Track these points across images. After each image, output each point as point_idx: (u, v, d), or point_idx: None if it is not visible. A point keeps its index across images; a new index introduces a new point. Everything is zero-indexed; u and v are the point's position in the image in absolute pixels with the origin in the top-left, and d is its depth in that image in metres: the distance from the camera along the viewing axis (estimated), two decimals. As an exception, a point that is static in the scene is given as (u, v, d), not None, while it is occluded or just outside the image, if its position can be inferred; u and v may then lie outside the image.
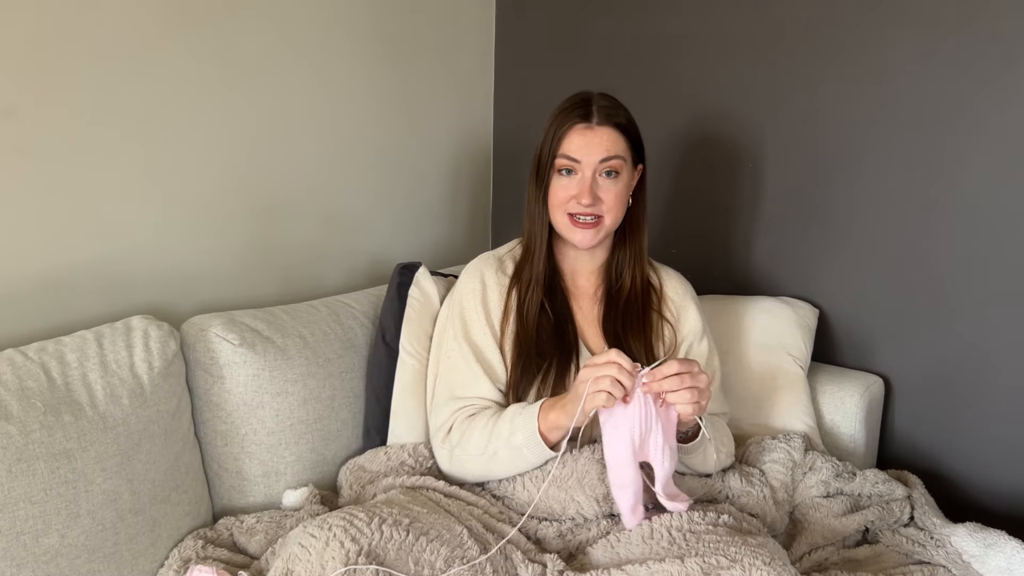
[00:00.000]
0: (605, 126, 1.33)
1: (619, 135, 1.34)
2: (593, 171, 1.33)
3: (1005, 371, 1.56)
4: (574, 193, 1.33)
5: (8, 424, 1.09)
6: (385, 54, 1.87)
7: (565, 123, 1.33)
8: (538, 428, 1.24)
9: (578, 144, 1.32)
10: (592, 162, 1.32)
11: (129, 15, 1.42)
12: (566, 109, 1.35)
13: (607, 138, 1.33)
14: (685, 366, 1.17)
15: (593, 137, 1.32)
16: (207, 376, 1.37)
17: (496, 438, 1.28)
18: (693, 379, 1.17)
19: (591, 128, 1.32)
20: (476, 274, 1.44)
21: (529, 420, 1.25)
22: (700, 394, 1.17)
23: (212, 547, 1.26)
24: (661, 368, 1.17)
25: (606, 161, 1.32)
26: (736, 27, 1.77)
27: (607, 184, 1.34)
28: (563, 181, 1.34)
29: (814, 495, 1.40)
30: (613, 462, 1.20)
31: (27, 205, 1.34)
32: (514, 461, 1.28)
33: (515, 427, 1.27)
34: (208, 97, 1.55)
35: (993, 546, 1.22)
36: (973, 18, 1.50)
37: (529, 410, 1.27)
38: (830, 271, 1.74)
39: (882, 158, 1.63)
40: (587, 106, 1.34)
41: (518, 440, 1.26)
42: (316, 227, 1.79)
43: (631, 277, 1.44)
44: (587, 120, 1.33)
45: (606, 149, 1.32)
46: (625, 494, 1.20)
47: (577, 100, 1.35)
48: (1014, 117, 1.49)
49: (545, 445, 1.25)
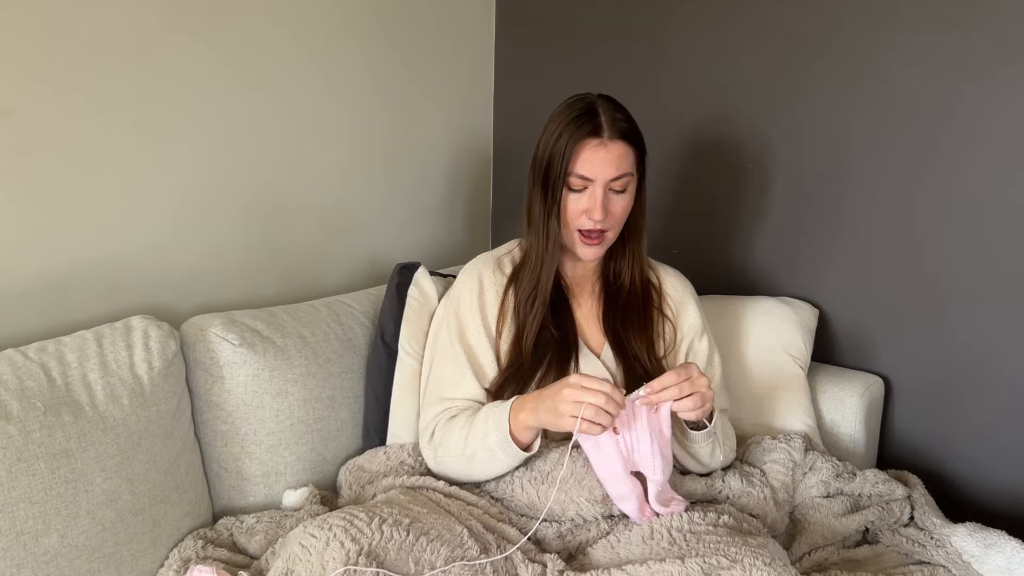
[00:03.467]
0: (616, 140, 1.30)
1: (630, 149, 1.32)
2: (604, 187, 1.31)
3: (1005, 371, 1.56)
4: (584, 208, 1.32)
5: (8, 424, 1.09)
6: (386, 55, 1.87)
7: (576, 138, 1.30)
8: (509, 429, 1.24)
9: (592, 163, 1.30)
10: (605, 179, 1.31)
11: (130, 15, 1.42)
12: (573, 120, 1.31)
13: (619, 154, 1.31)
14: (682, 374, 1.17)
15: (606, 155, 1.30)
16: (207, 376, 1.37)
17: (472, 439, 1.29)
18: (692, 385, 1.17)
19: (604, 145, 1.30)
20: (474, 274, 1.44)
21: (501, 421, 1.25)
22: (702, 398, 1.18)
23: (212, 547, 1.26)
24: (661, 379, 1.17)
25: (618, 180, 1.32)
26: (736, 28, 1.77)
27: (616, 199, 1.33)
28: (574, 197, 1.33)
29: (814, 495, 1.40)
30: (606, 478, 1.21)
31: (27, 205, 1.34)
32: (491, 463, 1.29)
33: (488, 428, 1.27)
34: (208, 97, 1.55)
35: (993, 546, 1.22)
36: (973, 18, 1.50)
37: (500, 410, 1.27)
38: (830, 271, 1.74)
39: (882, 158, 1.63)
40: (595, 117, 1.30)
41: (491, 442, 1.26)
42: (316, 227, 1.79)
43: (630, 276, 1.44)
44: (598, 135, 1.30)
45: (617, 167, 1.31)
46: (628, 503, 1.21)
47: (583, 109, 1.31)
48: (1014, 117, 1.49)
49: (517, 447, 1.25)
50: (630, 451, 1.18)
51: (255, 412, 1.38)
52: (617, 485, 1.20)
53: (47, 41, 1.33)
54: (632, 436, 1.18)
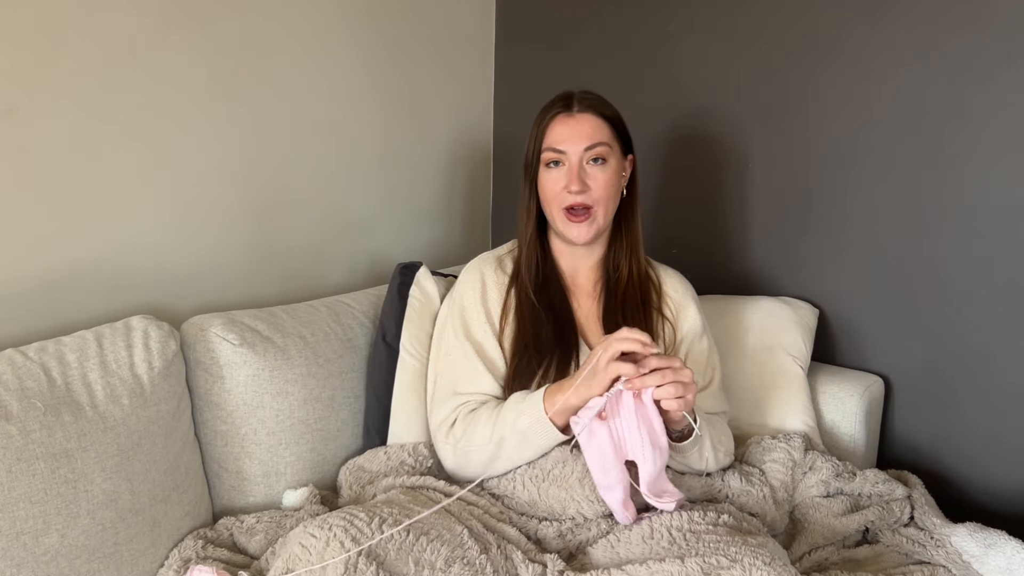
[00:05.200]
0: (586, 113, 1.35)
1: (602, 121, 1.36)
2: (579, 159, 1.34)
3: (1005, 371, 1.56)
4: (563, 184, 1.34)
5: (8, 424, 1.09)
6: (386, 54, 1.87)
7: (548, 117, 1.37)
8: (544, 410, 1.24)
9: (561, 134, 1.34)
10: (577, 150, 1.34)
11: (130, 15, 1.42)
12: (547, 106, 1.39)
13: (589, 125, 1.34)
14: (666, 361, 1.17)
15: (576, 125, 1.34)
16: (207, 376, 1.37)
17: (501, 425, 1.28)
18: (676, 374, 1.17)
19: (572, 116, 1.35)
20: (476, 273, 1.44)
21: (534, 403, 1.25)
22: (685, 388, 1.17)
23: (212, 547, 1.26)
24: (643, 363, 1.17)
25: (591, 148, 1.34)
26: (736, 27, 1.77)
27: (595, 171, 1.34)
28: (552, 174, 1.36)
29: (814, 495, 1.40)
30: (595, 466, 1.20)
31: (27, 205, 1.34)
32: (521, 447, 1.27)
33: (520, 412, 1.26)
34: (209, 97, 1.55)
35: (993, 546, 1.22)
36: (973, 17, 1.50)
37: (533, 395, 1.27)
38: (830, 271, 1.74)
39: (882, 158, 1.63)
40: (567, 99, 1.37)
41: (523, 424, 1.25)
42: (316, 227, 1.80)
43: (628, 269, 1.45)
44: (568, 109, 1.36)
45: (589, 136, 1.34)
46: (613, 493, 1.20)
47: (559, 96, 1.39)
48: (1014, 117, 1.49)
49: (552, 425, 1.24)
50: (621, 440, 1.18)
51: (255, 412, 1.38)
52: (606, 474, 1.19)
53: (47, 41, 1.33)
54: (620, 423, 1.18)
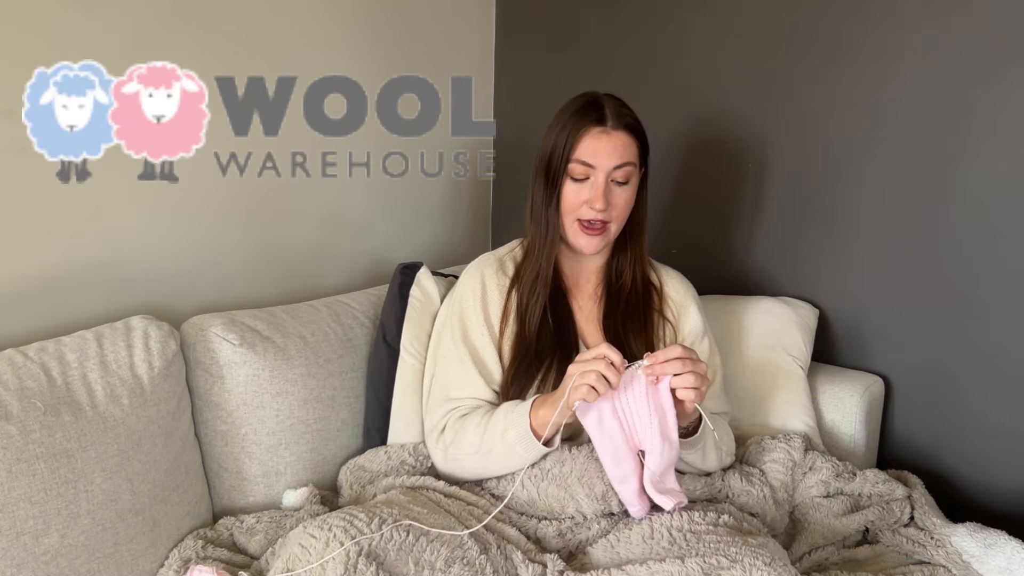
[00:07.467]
0: (620, 130, 1.32)
1: (632, 140, 1.33)
2: (607, 175, 1.32)
3: (1005, 371, 1.56)
4: (586, 198, 1.33)
5: (8, 424, 1.09)
6: (386, 54, 1.87)
7: (579, 126, 1.31)
8: (530, 424, 1.25)
9: (594, 149, 1.31)
10: (607, 167, 1.31)
11: (129, 15, 1.42)
12: (578, 111, 1.33)
13: (622, 143, 1.32)
14: (688, 351, 1.17)
15: (609, 142, 1.31)
16: (207, 376, 1.37)
17: (490, 436, 1.29)
18: (695, 365, 1.17)
19: (607, 132, 1.31)
20: (476, 275, 1.44)
21: (521, 417, 1.26)
22: (701, 380, 1.17)
23: (212, 547, 1.26)
24: (665, 351, 1.16)
25: (620, 168, 1.32)
26: (737, 27, 1.77)
27: (618, 191, 1.34)
28: (575, 186, 1.33)
29: (814, 495, 1.40)
30: (607, 457, 1.19)
31: (27, 205, 1.34)
32: (508, 458, 1.29)
33: (508, 424, 1.27)
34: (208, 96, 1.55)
35: (993, 546, 1.22)
36: (973, 18, 1.50)
37: (521, 407, 1.28)
38: (830, 271, 1.74)
39: (883, 158, 1.63)
40: (599, 109, 1.32)
41: (511, 437, 1.26)
42: (316, 227, 1.79)
43: (631, 277, 1.44)
44: (602, 124, 1.31)
45: (620, 155, 1.31)
46: (627, 486, 1.20)
47: (588, 101, 1.33)
48: (1014, 117, 1.49)
49: (537, 441, 1.24)
50: (631, 427, 1.17)
51: (255, 412, 1.38)
52: (619, 465, 1.19)
53: (47, 41, 1.32)
54: (631, 407, 1.17)
